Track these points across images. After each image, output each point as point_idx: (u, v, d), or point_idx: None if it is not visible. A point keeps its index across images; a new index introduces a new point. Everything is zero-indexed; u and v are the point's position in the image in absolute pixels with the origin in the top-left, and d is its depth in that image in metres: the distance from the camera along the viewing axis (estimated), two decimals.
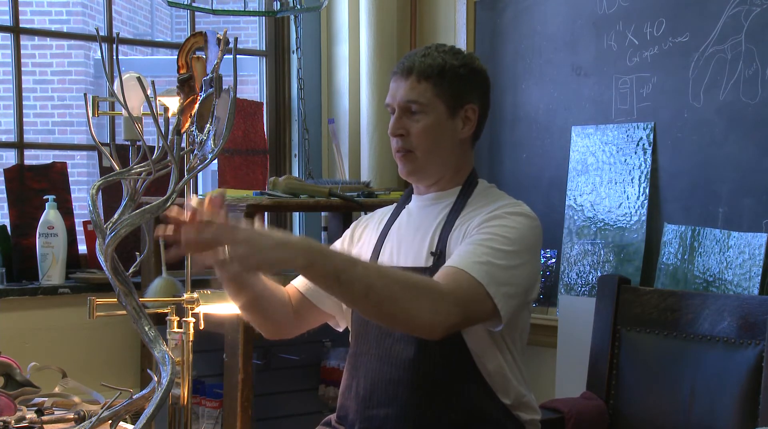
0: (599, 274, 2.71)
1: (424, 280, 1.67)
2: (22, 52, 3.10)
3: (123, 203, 1.45)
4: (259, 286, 1.85)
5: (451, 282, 1.69)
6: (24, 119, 3.09)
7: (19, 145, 3.09)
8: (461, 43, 3.20)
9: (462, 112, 1.91)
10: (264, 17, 3.54)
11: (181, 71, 1.52)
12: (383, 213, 2.08)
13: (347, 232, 2.10)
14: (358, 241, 2.06)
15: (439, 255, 1.85)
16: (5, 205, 2.97)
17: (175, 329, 1.61)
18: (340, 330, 2.08)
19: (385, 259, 1.94)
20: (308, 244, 1.58)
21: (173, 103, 1.53)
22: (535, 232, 1.85)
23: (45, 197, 2.91)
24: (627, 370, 2.44)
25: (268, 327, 1.96)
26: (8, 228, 2.93)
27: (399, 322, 1.66)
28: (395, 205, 2.07)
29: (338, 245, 2.09)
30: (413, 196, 2.02)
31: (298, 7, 3.08)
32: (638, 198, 2.68)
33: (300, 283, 2.00)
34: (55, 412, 1.80)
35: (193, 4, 2.90)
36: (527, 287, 1.82)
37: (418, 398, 1.83)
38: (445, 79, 1.89)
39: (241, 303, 1.88)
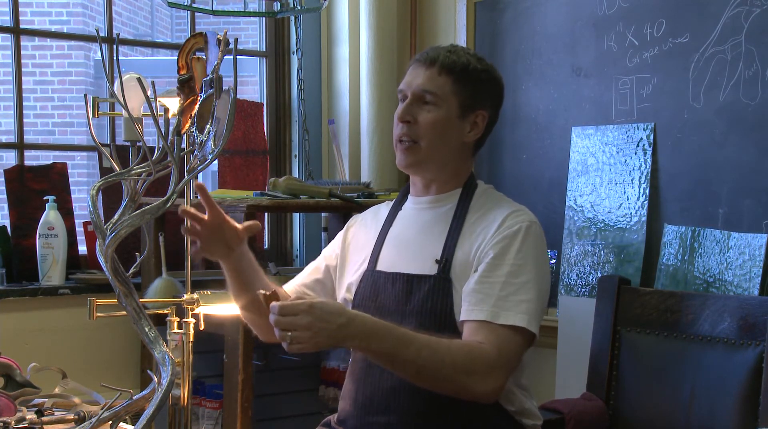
0: (599, 274, 2.71)
1: (473, 353, 1.71)
2: (23, 52, 3.11)
3: (123, 204, 1.45)
4: (261, 287, 1.84)
5: (496, 345, 1.73)
6: (24, 120, 3.10)
7: (20, 146, 3.09)
8: (461, 43, 3.19)
9: (472, 116, 1.91)
10: (264, 18, 3.54)
11: (182, 72, 1.52)
12: (377, 211, 2.06)
13: (340, 234, 2.07)
14: (351, 242, 2.04)
15: (444, 263, 1.83)
16: (5, 205, 2.97)
17: (175, 330, 1.61)
18: None
19: (385, 265, 1.91)
20: (363, 330, 1.64)
21: (173, 104, 1.53)
22: (544, 246, 1.88)
23: (45, 198, 2.91)
24: (627, 370, 2.43)
25: (266, 330, 1.93)
26: (8, 229, 2.93)
27: (454, 395, 1.74)
28: (388, 203, 2.05)
29: (332, 250, 2.06)
30: (410, 196, 1.99)
31: (299, 8, 3.08)
32: (638, 199, 2.68)
33: (295, 288, 2.01)
34: (55, 413, 1.79)
35: (194, 5, 2.90)
36: (546, 299, 1.89)
37: (418, 406, 1.82)
38: (466, 79, 1.89)
39: (242, 303, 1.90)
